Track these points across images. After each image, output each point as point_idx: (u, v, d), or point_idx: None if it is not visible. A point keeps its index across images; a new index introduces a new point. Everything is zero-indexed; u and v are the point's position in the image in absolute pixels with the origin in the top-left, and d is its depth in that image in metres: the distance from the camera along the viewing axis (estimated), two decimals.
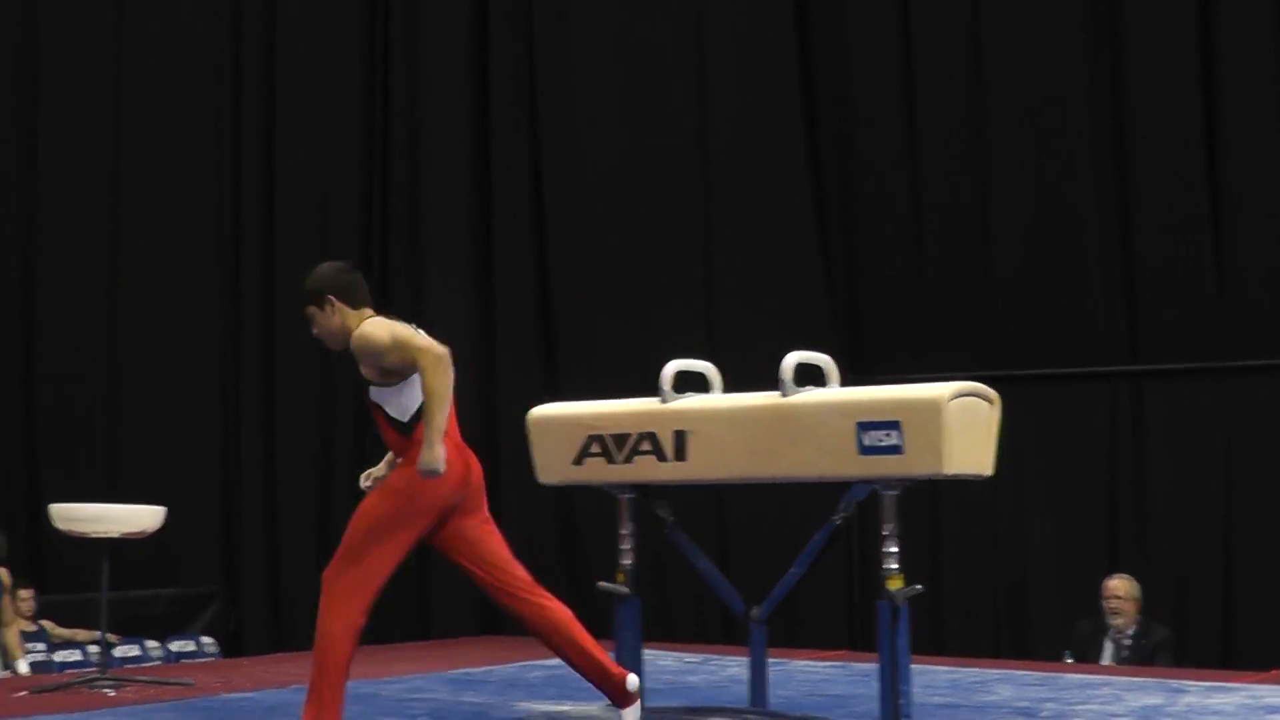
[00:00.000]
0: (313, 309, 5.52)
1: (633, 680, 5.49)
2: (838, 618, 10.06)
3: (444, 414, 5.17)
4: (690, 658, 8.43)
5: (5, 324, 12.43)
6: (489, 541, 5.62)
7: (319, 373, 12.02)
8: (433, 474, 5.17)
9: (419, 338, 5.26)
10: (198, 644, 10.91)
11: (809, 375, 5.84)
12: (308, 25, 12.39)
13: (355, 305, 5.47)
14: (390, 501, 5.38)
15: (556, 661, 8.24)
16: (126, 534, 7.88)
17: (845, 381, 6.01)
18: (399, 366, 5.25)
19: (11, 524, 11.06)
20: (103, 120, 12.89)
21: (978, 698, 6.70)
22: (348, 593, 5.44)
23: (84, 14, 12.92)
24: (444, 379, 5.17)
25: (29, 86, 13.14)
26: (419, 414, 5.25)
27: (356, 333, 5.33)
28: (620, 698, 5.49)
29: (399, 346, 5.21)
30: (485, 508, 5.60)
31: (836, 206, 10.66)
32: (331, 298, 5.46)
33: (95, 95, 12.89)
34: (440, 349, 5.20)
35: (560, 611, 5.52)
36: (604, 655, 5.51)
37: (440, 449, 5.14)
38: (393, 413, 5.36)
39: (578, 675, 5.61)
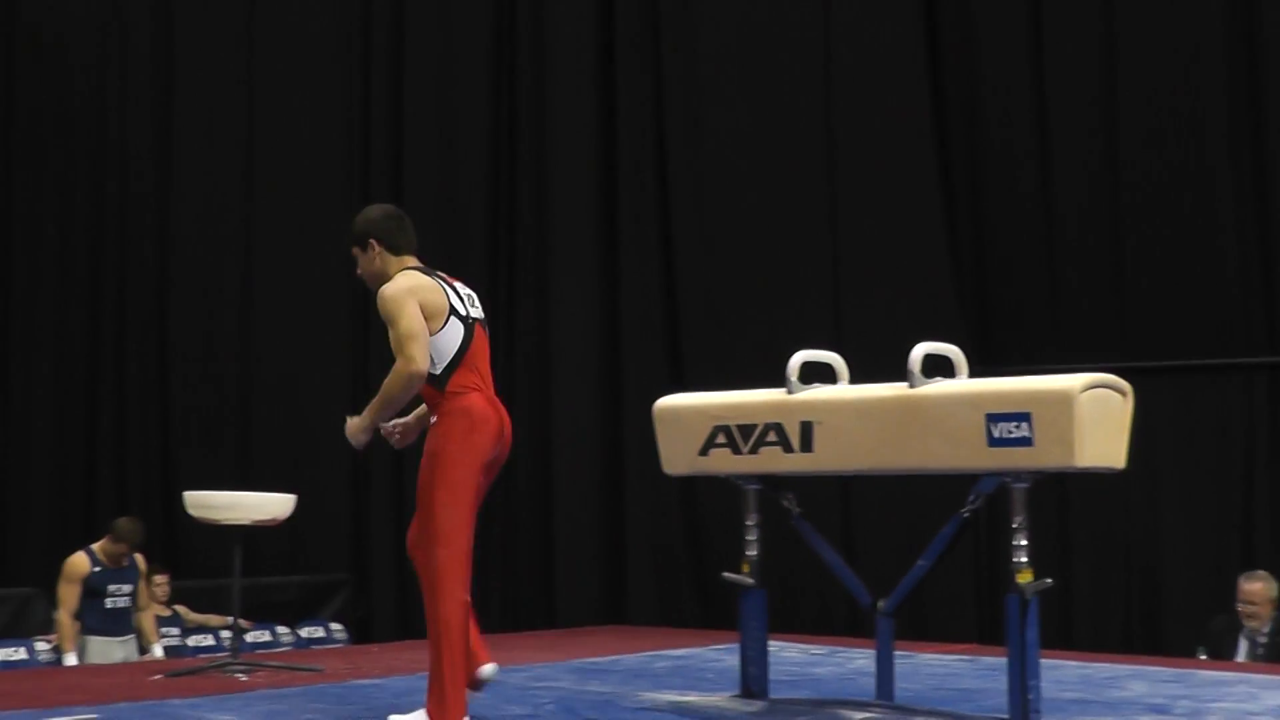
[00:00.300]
0: (356, 250, 5.57)
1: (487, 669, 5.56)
2: (966, 611, 9.96)
3: (387, 411, 5.46)
4: (816, 650, 8.38)
5: (141, 315, 12.68)
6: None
7: None
8: (352, 440, 5.50)
9: (420, 334, 5.26)
10: (327, 630, 11.04)
11: (937, 366, 5.78)
12: (436, 23, 12.47)
13: (397, 252, 5.50)
14: (443, 467, 5.37)
15: (683, 651, 8.32)
16: (258, 521, 8.00)
17: (974, 373, 5.93)
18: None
19: (147, 511, 11.27)
20: (236, 119, 13.13)
21: (1109, 693, 6.59)
22: (446, 573, 5.32)
23: (216, 15, 13.15)
24: (399, 385, 5.33)
25: (164, 89, 13.41)
26: (450, 366, 5.32)
27: (382, 289, 5.35)
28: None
29: (396, 325, 5.25)
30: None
31: (965, 194, 10.54)
32: (374, 241, 5.51)
33: (228, 94, 13.14)
34: (414, 367, 5.26)
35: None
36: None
37: (364, 433, 5.55)
38: None
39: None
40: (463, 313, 5.36)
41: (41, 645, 9.67)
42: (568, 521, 11.43)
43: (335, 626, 11.22)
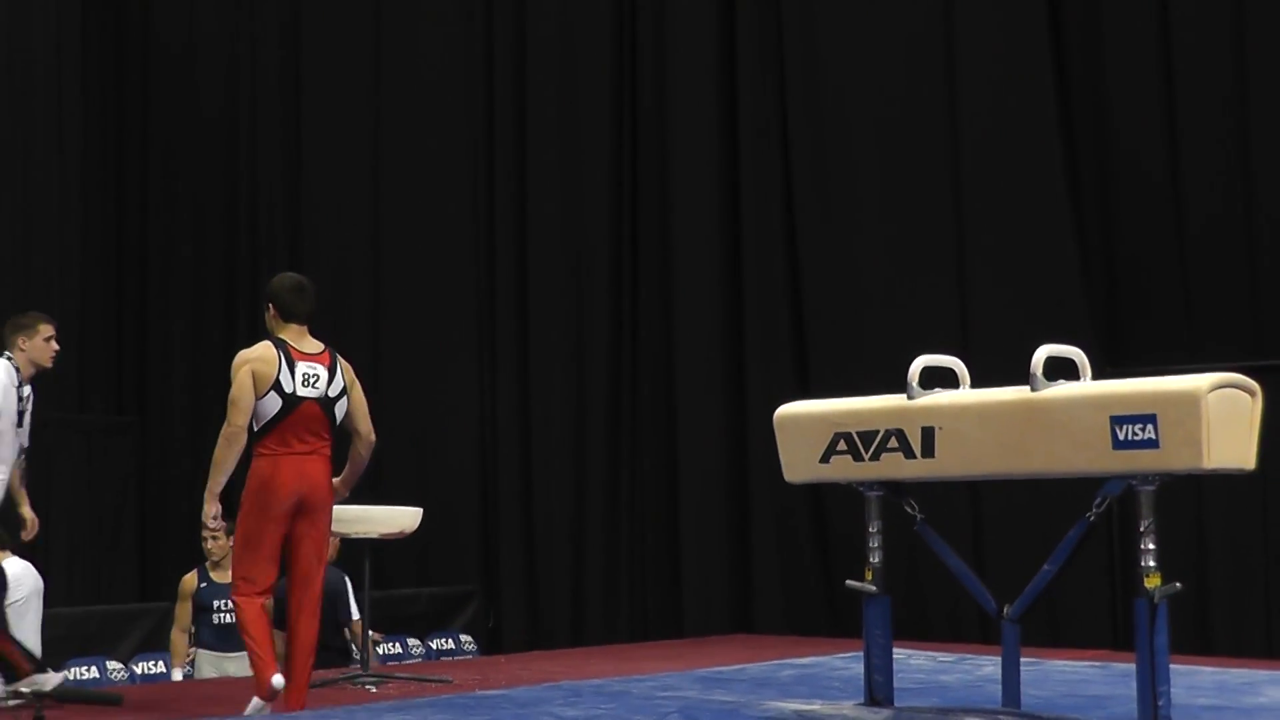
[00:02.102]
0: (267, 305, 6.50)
1: (278, 680, 6.18)
2: (1099, 616, 9.79)
3: (217, 471, 6.27)
4: (944, 657, 8.29)
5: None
6: None
7: (573, 376, 12.18)
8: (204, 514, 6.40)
9: (240, 399, 6.22)
10: (457, 642, 11.13)
11: (1061, 369, 5.70)
12: (558, 27, 12.55)
13: (286, 319, 6.43)
14: (240, 517, 6.40)
15: (809, 660, 8.27)
16: (386, 534, 8.10)
17: (1105, 374, 5.85)
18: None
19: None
20: (362, 133, 13.36)
21: (1245, 700, 6.45)
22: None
23: (343, 27, 13.38)
24: (223, 452, 6.25)
25: (291, 92, 13.68)
26: (258, 433, 6.25)
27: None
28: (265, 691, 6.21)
29: (233, 389, 6.26)
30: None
31: (1092, 193, 10.36)
32: (271, 305, 6.47)
33: (354, 103, 13.36)
34: (231, 429, 6.21)
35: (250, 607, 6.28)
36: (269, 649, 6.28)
37: (209, 505, 6.31)
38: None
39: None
40: (288, 389, 6.21)
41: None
42: (694, 530, 11.42)
43: (465, 638, 11.31)
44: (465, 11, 13.10)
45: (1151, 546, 5.31)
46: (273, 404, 6.21)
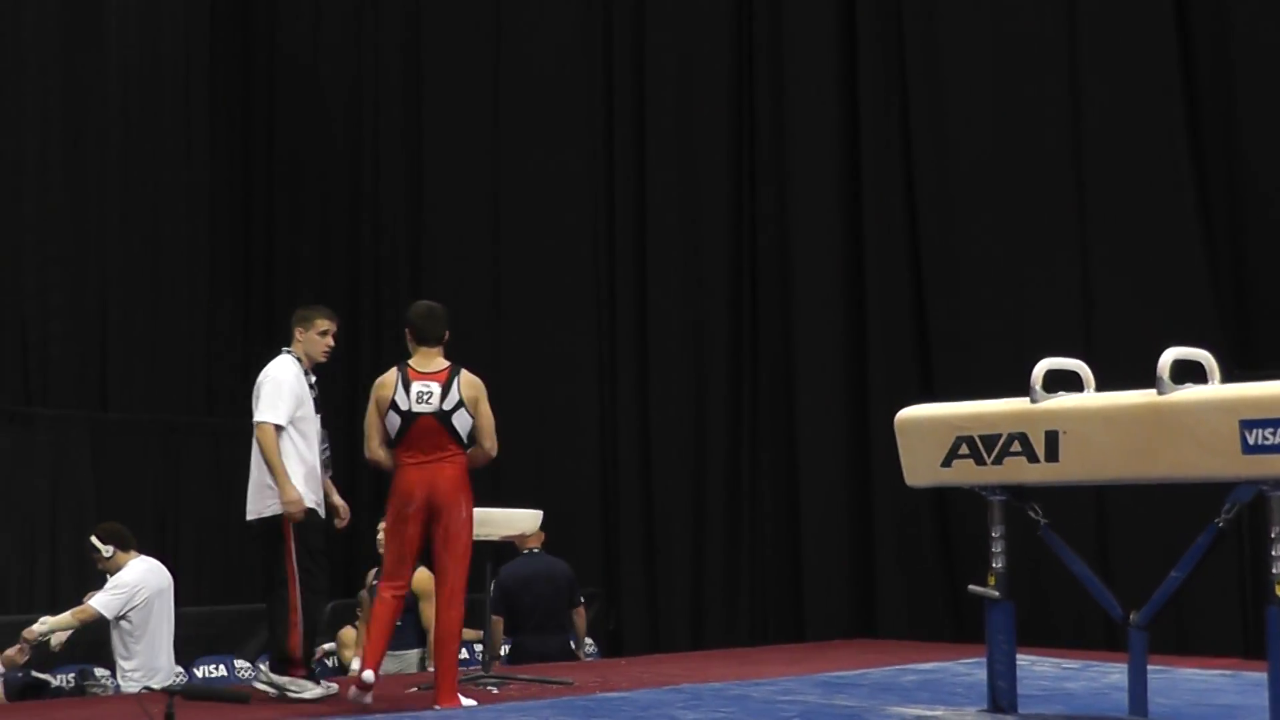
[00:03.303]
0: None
1: (367, 675, 6.74)
2: (1230, 624, 9.60)
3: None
4: (1069, 664, 8.20)
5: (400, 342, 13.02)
6: None
7: (692, 380, 12.18)
8: None
9: (367, 429, 7.08)
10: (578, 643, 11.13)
11: (1189, 372, 5.60)
12: (676, 34, 12.56)
13: (421, 343, 7.11)
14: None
15: (932, 665, 8.21)
16: (507, 537, 8.15)
17: (1234, 377, 5.75)
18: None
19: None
20: (483, 145, 13.50)
21: None
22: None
23: (463, 41, 13.53)
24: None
25: (414, 101, 13.83)
26: (393, 445, 7.05)
27: None
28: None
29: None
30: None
31: (1221, 193, 10.17)
32: (408, 330, 7.18)
33: (475, 120, 13.52)
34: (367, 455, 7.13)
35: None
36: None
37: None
38: None
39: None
40: (403, 407, 6.90)
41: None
42: (816, 534, 11.37)
43: (587, 640, 11.31)
44: (585, 25, 13.15)
45: None
46: (394, 421, 6.93)
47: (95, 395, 13.55)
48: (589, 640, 11.37)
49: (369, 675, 6.71)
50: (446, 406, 6.92)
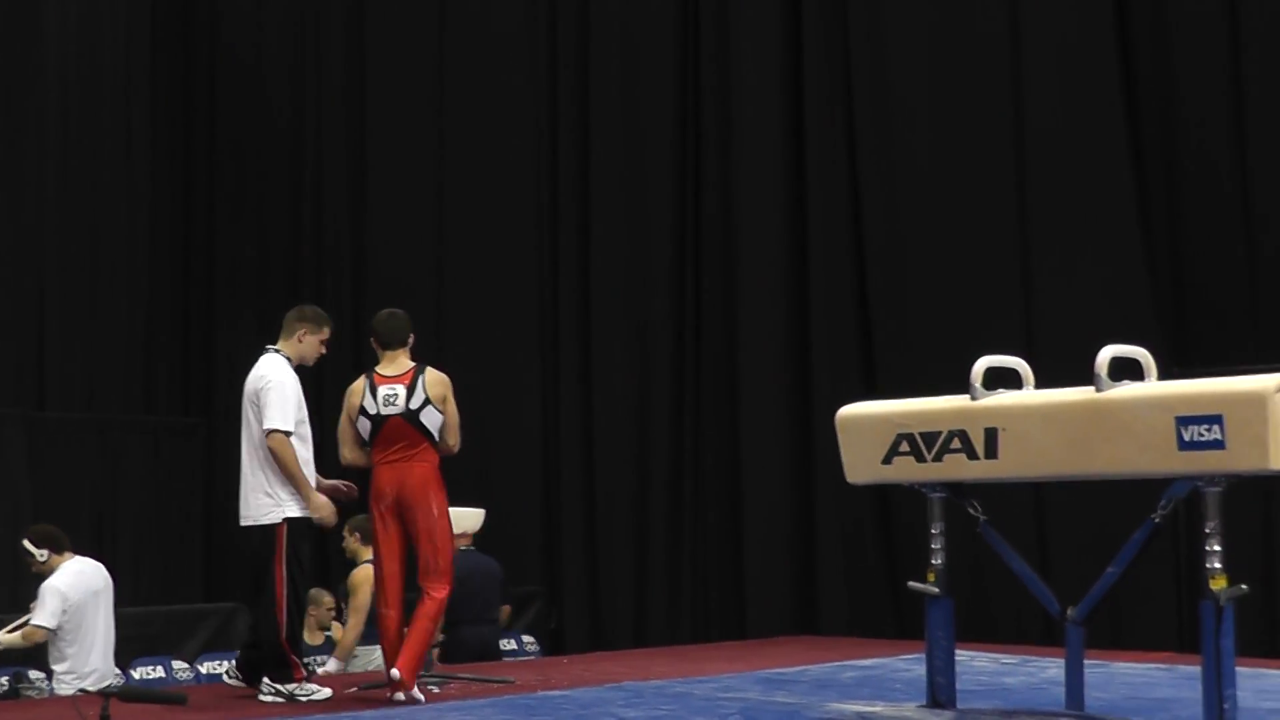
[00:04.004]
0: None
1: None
2: (1165, 618, 9.69)
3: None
4: (1008, 659, 8.24)
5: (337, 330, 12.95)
6: None
7: (635, 378, 12.18)
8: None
9: (339, 436, 7.46)
10: (519, 643, 11.13)
11: (1126, 369, 5.65)
12: (621, 32, 12.55)
13: (385, 348, 7.42)
14: None
15: (872, 661, 8.25)
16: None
17: (1171, 375, 5.80)
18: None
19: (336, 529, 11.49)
20: (427, 139, 13.45)
21: None
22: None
23: (407, 37, 13.49)
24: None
25: (357, 99, 13.77)
26: (368, 447, 7.38)
27: None
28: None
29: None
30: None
31: (1159, 192, 10.26)
32: (371, 337, 7.48)
33: (419, 114, 13.49)
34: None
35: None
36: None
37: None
38: None
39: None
40: (371, 410, 7.21)
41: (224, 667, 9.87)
42: (758, 532, 11.39)
43: (528, 639, 11.32)
44: (529, 19, 13.12)
45: (1218, 548, 5.28)
46: (365, 425, 7.26)
47: (32, 393, 13.43)
48: (530, 638, 11.39)
49: (400, 696, 7.01)
50: (413, 406, 7.21)
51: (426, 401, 7.23)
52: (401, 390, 7.23)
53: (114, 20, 14.10)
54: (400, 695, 6.98)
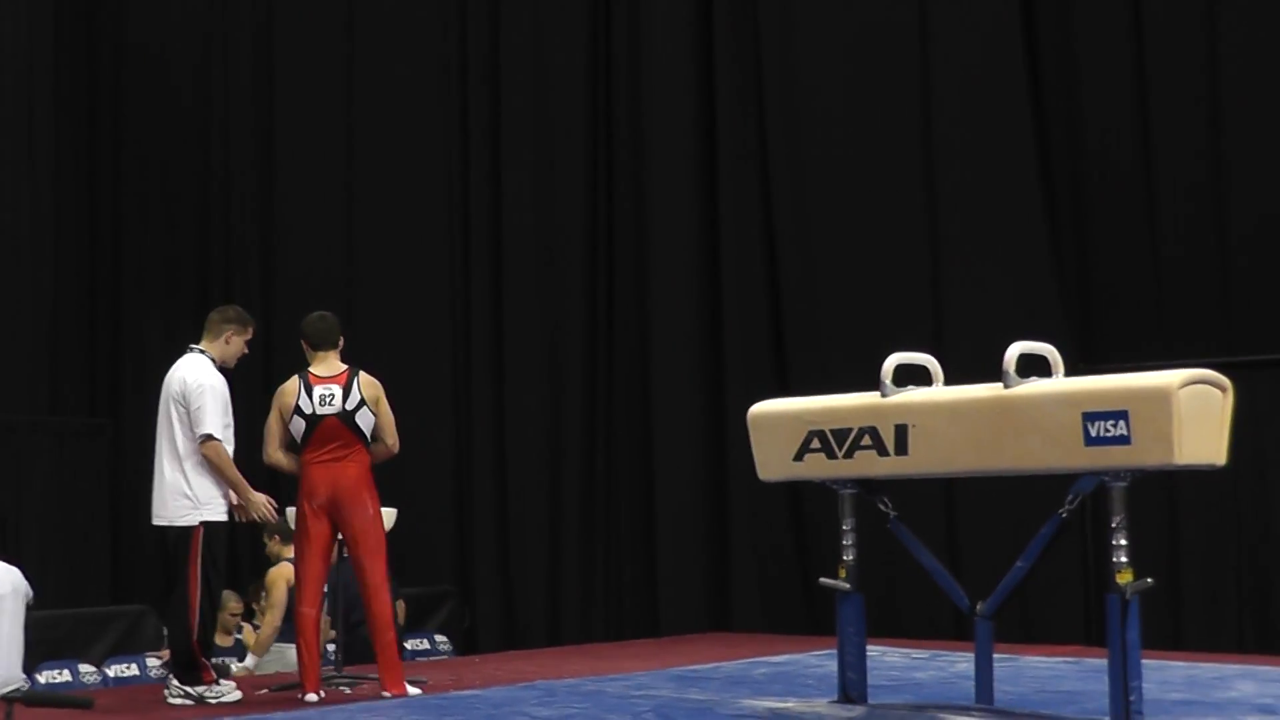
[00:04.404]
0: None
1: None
2: (1072, 612, 9.82)
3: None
4: (918, 654, 8.31)
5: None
6: None
7: (547, 376, 12.16)
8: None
9: (267, 436, 7.41)
10: (432, 642, 11.08)
11: (1034, 366, 5.71)
12: (533, 28, 12.52)
13: (315, 349, 7.45)
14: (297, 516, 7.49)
15: (784, 658, 8.28)
16: None
17: (1078, 371, 5.87)
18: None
19: (241, 528, 11.39)
20: (336, 133, 13.33)
21: (1216, 694, 6.48)
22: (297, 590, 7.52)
23: (316, 27, 13.37)
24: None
25: (265, 101, 13.65)
26: (300, 447, 7.32)
27: None
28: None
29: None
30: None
31: (1066, 192, 10.39)
32: (302, 340, 7.49)
33: (328, 106, 13.38)
34: (265, 459, 7.45)
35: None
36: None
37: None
38: None
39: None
40: (307, 410, 7.22)
41: (152, 661, 9.79)
42: (671, 529, 11.41)
43: (440, 638, 11.27)
44: (440, 14, 13.06)
45: (1124, 543, 5.35)
46: (299, 425, 7.26)
47: None
48: (443, 638, 11.34)
49: (312, 697, 7.12)
50: (349, 407, 7.27)
51: (362, 403, 7.29)
52: (338, 390, 7.28)
53: (14, 14, 13.85)
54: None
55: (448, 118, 12.91)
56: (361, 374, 7.38)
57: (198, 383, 7.28)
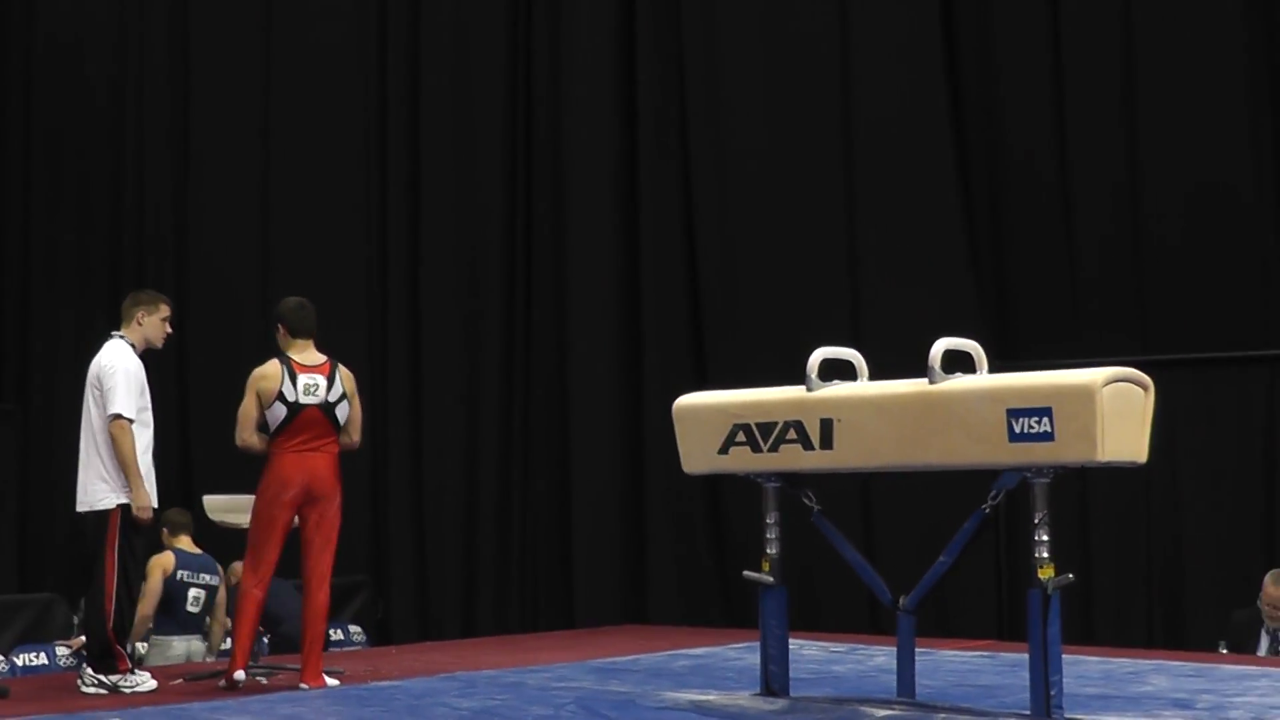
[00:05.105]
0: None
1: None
2: (986, 607, 9.92)
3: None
4: (836, 647, 8.36)
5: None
6: None
7: (465, 363, 12.11)
8: None
9: (242, 419, 7.24)
10: (346, 633, 11.01)
11: (957, 362, 5.76)
12: (451, 22, 12.45)
13: (294, 335, 7.33)
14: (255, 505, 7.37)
15: (703, 650, 8.30)
16: None
17: (994, 368, 5.91)
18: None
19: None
20: (251, 123, 13.17)
21: (1132, 688, 6.57)
22: (246, 572, 7.36)
23: (231, 19, 13.22)
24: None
25: (180, 93, 13.48)
26: (272, 434, 7.20)
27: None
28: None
29: (240, 408, 7.27)
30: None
31: (983, 188, 10.50)
32: (280, 324, 7.37)
33: (244, 98, 13.21)
34: (239, 443, 7.28)
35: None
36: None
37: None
38: None
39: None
40: (290, 398, 7.12)
41: (62, 650, 9.68)
42: (587, 520, 11.42)
43: (354, 629, 11.21)
44: (361, 20, 12.92)
45: (1045, 538, 5.40)
46: (279, 412, 7.14)
47: None
48: (357, 628, 11.28)
49: (240, 675, 7.07)
50: (332, 398, 7.24)
51: (343, 395, 7.29)
52: (322, 381, 7.24)
53: None
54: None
55: (366, 108, 12.80)
56: (341, 366, 7.37)
57: (110, 365, 7.23)
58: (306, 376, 7.20)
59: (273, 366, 7.24)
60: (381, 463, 12.39)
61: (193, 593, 9.00)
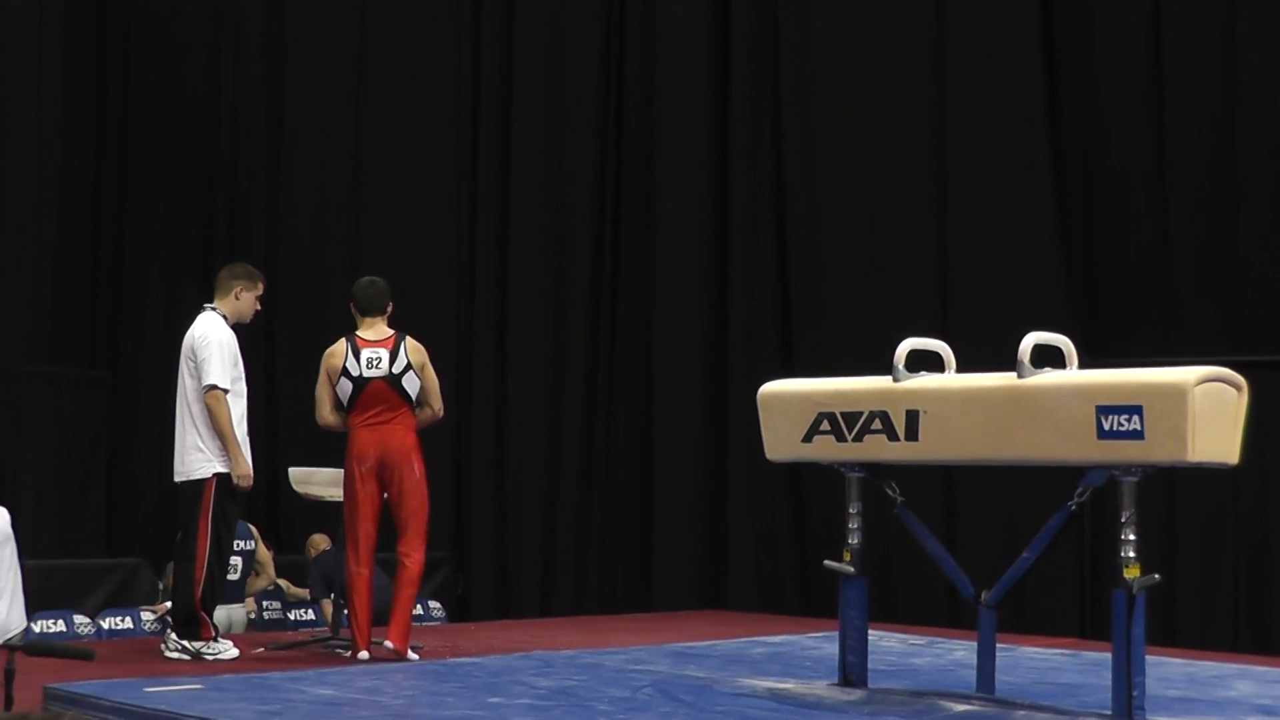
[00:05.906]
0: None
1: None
2: (1067, 604, 9.82)
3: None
4: (915, 640, 8.31)
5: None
6: None
7: (550, 347, 12.14)
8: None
9: (318, 398, 7.54)
10: (426, 609, 11.07)
11: (1046, 357, 5.70)
12: (546, 5, 12.46)
13: (364, 314, 7.58)
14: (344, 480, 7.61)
15: (780, 638, 8.29)
16: None
17: (1082, 364, 5.85)
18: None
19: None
20: (345, 98, 13.28)
21: (1215, 693, 6.48)
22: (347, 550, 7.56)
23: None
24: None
25: (275, 69, 13.59)
26: (346, 410, 7.47)
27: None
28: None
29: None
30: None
31: (1076, 181, 10.36)
32: (351, 303, 7.61)
33: (339, 70, 13.30)
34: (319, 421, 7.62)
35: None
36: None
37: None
38: None
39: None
40: (354, 373, 7.36)
41: (147, 615, 9.82)
42: (669, 505, 11.42)
43: (434, 605, 11.27)
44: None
45: (1132, 538, 5.35)
46: (346, 388, 7.41)
47: None
48: (436, 604, 11.34)
49: (364, 654, 7.22)
50: (396, 370, 7.43)
51: (409, 367, 7.46)
52: (385, 354, 7.43)
53: None
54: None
55: (459, 85, 12.85)
56: (408, 339, 7.54)
57: (204, 336, 7.38)
58: (369, 351, 7.40)
59: (339, 345, 7.49)
60: (465, 441, 12.46)
61: (231, 560, 9.09)
